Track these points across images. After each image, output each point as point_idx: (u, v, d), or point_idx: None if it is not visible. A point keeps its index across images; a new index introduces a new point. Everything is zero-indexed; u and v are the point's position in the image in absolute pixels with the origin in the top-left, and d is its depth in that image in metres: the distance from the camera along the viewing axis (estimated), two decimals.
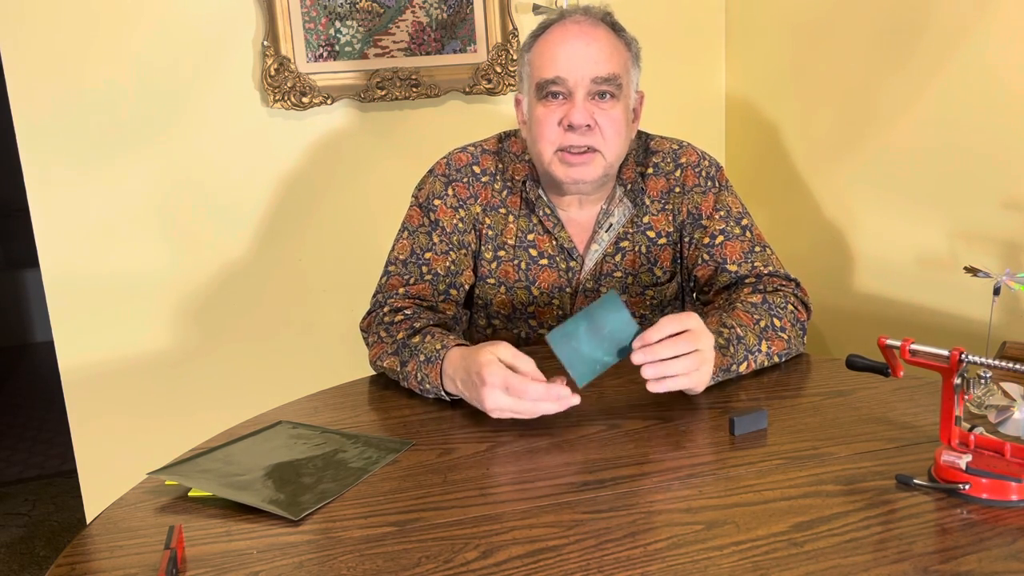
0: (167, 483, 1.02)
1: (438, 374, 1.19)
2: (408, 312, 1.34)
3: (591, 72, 1.30)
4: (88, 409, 1.93)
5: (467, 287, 1.44)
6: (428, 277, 1.39)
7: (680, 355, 1.10)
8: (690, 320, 1.12)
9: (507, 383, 1.09)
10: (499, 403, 1.10)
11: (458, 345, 1.21)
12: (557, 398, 1.09)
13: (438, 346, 1.21)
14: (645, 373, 1.09)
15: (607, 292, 1.33)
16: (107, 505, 0.99)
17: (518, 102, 1.42)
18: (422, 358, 1.22)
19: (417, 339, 1.26)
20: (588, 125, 1.30)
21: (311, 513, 0.94)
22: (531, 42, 1.37)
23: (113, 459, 1.93)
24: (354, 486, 1.00)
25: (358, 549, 0.87)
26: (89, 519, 1.90)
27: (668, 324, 1.10)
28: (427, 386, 1.22)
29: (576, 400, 1.09)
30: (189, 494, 0.99)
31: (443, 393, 1.21)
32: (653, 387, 1.10)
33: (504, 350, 1.12)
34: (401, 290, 1.39)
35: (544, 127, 1.33)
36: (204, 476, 1.02)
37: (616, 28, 1.36)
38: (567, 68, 1.30)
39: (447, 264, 1.41)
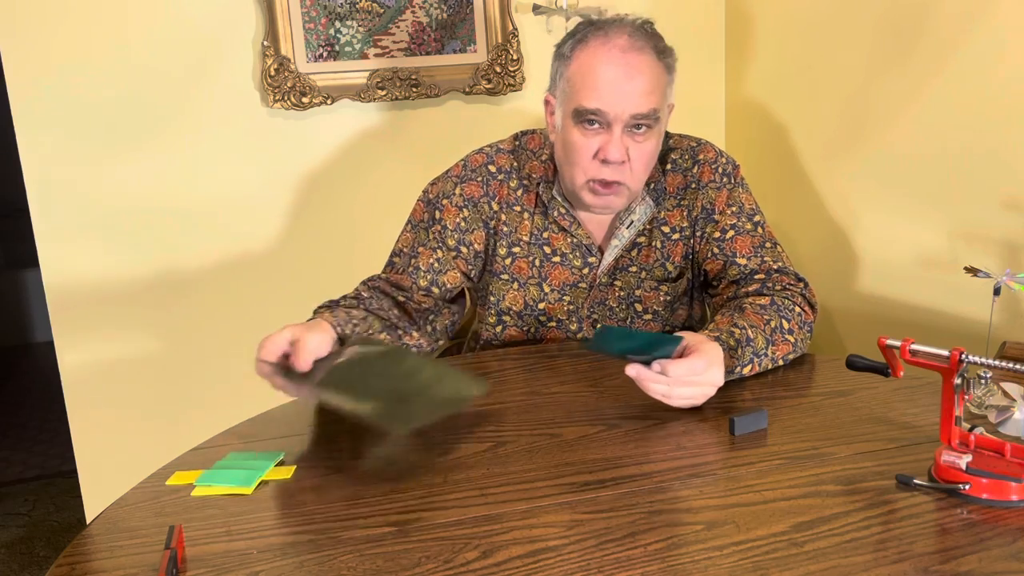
0: (168, 483, 1.02)
1: None
2: (365, 295, 1.39)
3: (632, 108, 1.29)
4: (88, 409, 1.93)
5: (450, 287, 1.45)
6: (410, 269, 1.44)
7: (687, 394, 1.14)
8: (709, 371, 1.14)
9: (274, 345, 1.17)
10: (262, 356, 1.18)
11: (323, 318, 1.26)
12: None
13: (312, 315, 1.33)
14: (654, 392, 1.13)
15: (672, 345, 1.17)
16: (107, 505, 0.99)
17: (547, 102, 1.40)
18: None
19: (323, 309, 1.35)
20: (622, 161, 1.31)
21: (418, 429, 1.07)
22: (570, 50, 1.33)
23: (113, 459, 1.93)
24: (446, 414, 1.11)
25: (358, 549, 0.87)
26: (89, 519, 1.90)
27: (691, 364, 1.12)
28: None
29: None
30: (192, 494, 0.99)
31: None
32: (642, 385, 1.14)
33: (295, 332, 1.18)
34: (383, 274, 1.45)
35: (579, 155, 1.33)
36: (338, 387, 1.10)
37: (659, 50, 1.32)
38: (608, 101, 1.28)
39: (431, 261, 1.43)
